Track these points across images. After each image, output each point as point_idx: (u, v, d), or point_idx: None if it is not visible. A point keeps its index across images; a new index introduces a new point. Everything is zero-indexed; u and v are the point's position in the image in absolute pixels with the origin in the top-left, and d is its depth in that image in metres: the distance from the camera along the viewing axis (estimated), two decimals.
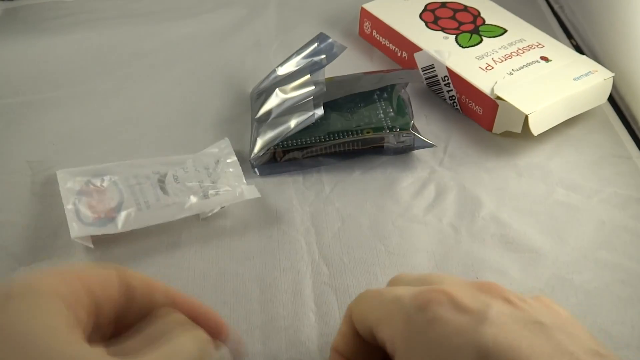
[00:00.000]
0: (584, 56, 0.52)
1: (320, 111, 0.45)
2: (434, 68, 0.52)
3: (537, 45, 0.53)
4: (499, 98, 0.47)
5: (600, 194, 0.45)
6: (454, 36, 0.54)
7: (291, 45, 0.54)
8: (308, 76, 0.48)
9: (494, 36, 0.54)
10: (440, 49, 0.52)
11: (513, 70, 0.50)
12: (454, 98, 0.51)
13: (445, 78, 0.51)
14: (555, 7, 0.65)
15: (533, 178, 0.46)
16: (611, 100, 0.53)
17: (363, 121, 0.47)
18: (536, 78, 0.49)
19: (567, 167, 0.47)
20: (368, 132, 0.46)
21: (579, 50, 0.58)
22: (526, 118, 0.46)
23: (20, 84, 0.55)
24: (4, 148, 0.48)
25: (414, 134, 0.47)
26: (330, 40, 0.50)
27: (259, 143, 0.46)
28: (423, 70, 0.53)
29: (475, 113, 0.50)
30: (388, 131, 0.46)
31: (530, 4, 0.65)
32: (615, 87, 0.53)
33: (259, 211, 0.44)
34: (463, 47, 0.53)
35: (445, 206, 0.44)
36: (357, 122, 0.46)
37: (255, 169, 0.46)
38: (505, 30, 0.55)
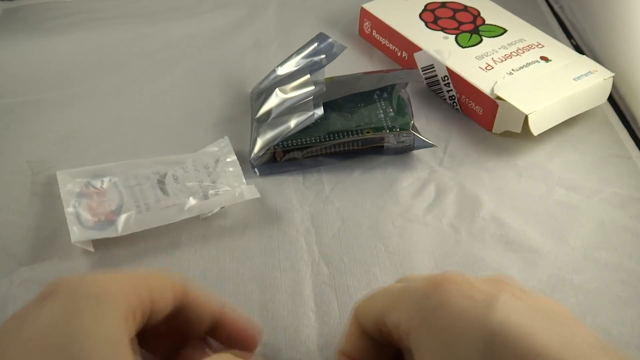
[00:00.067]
0: (584, 56, 0.52)
1: (320, 111, 0.45)
2: (433, 68, 0.52)
3: (537, 45, 0.53)
4: (499, 98, 0.47)
5: (600, 194, 0.45)
6: (453, 36, 0.54)
7: (291, 45, 0.54)
8: (308, 76, 0.48)
9: (494, 36, 0.54)
10: (440, 49, 0.52)
11: (513, 70, 0.50)
12: (454, 98, 0.51)
13: (445, 78, 0.51)
14: (555, 7, 0.65)
15: (533, 178, 0.46)
16: (611, 100, 0.53)
17: (363, 121, 0.47)
18: (536, 78, 0.49)
19: (567, 167, 0.47)
20: (368, 132, 0.46)
21: (579, 50, 0.58)
22: (526, 118, 0.46)
23: (20, 84, 0.55)
24: (4, 148, 0.48)
25: (414, 134, 0.47)
26: (330, 40, 0.50)
27: (259, 143, 0.46)
28: (423, 70, 0.53)
29: (475, 113, 0.50)
30: (388, 131, 0.46)
31: (530, 4, 0.65)
32: (615, 87, 0.53)
33: (259, 211, 0.44)
34: (463, 47, 0.53)
35: (445, 206, 0.44)
36: (357, 122, 0.46)
37: (255, 169, 0.46)
38: (505, 30, 0.55)
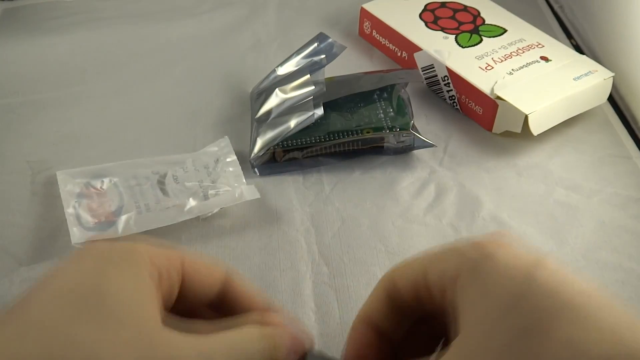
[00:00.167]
0: (584, 56, 0.52)
1: (320, 111, 0.45)
2: (433, 68, 0.52)
3: (537, 45, 0.53)
4: (499, 98, 0.47)
5: (600, 194, 0.45)
6: (453, 36, 0.54)
7: (291, 45, 0.54)
8: (308, 76, 0.48)
9: (494, 36, 0.54)
10: (440, 48, 0.52)
11: (513, 70, 0.50)
12: (454, 98, 0.51)
13: (445, 78, 0.51)
14: (555, 7, 0.65)
15: (533, 178, 0.46)
16: (611, 100, 0.53)
17: (363, 121, 0.47)
18: (536, 78, 0.49)
19: (567, 167, 0.47)
20: (368, 132, 0.46)
21: (579, 50, 0.58)
22: (526, 118, 0.46)
23: (20, 84, 0.55)
24: (4, 148, 0.48)
25: (414, 134, 0.46)
26: (330, 40, 0.50)
27: (259, 143, 0.46)
28: (423, 70, 0.53)
29: (475, 113, 0.50)
30: (388, 131, 0.46)
31: (530, 4, 0.65)
32: (615, 87, 0.53)
33: (258, 211, 0.43)
34: (463, 47, 0.53)
35: (445, 206, 0.44)
36: (357, 122, 0.46)
37: (255, 169, 0.46)
38: (505, 30, 0.55)
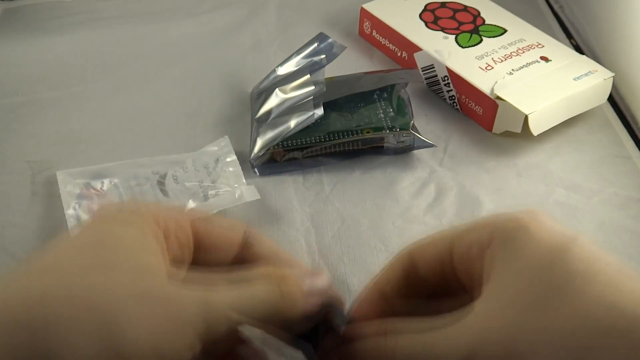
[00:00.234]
0: (584, 56, 0.52)
1: (320, 111, 0.45)
2: (433, 68, 0.52)
3: (537, 45, 0.53)
4: (498, 98, 0.47)
5: (600, 194, 0.45)
6: (453, 36, 0.54)
7: (291, 45, 0.54)
8: (308, 76, 0.48)
9: (494, 36, 0.54)
10: (440, 49, 0.52)
11: (513, 70, 0.50)
12: (453, 98, 0.51)
13: (445, 78, 0.51)
14: (555, 7, 0.65)
15: (533, 178, 0.46)
16: (611, 100, 0.53)
17: (363, 121, 0.47)
18: (536, 78, 0.49)
19: (567, 167, 0.47)
20: (368, 132, 0.46)
21: (579, 50, 0.58)
22: (526, 118, 0.46)
23: (20, 84, 0.54)
24: (4, 148, 0.48)
25: (414, 134, 0.46)
26: (330, 40, 0.50)
27: (259, 143, 0.46)
28: (423, 70, 0.53)
29: (475, 113, 0.50)
30: (388, 131, 0.46)
31: (530, 4, 0.65)
32: (615, 87, 0.53)
33: (258, 211, 0.43)
34: (463, 47, 0.53)
35: (445, 206, 0.44)
36: (357, 122, 0.46)
37: (255, 169, 0.46)
38: (505, 30, 0.54)
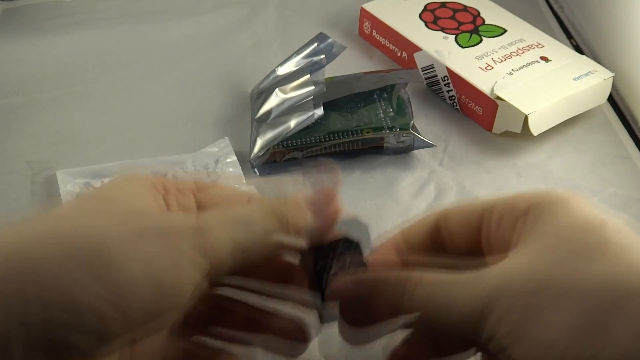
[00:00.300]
0: (584, 56, 0.52)
1: (320, 111, 0.45)
2: (433, 68, 0.52)
3: (537, 45, 0.53)
4: (498, 98, 0.47)
5: (600, 194, 0.45)
6: (453, 36, 0.54)
7: (291, 45, 0.54)
8: (308, 76, 0.48)
9: (494, 36, 0.54)
10: (440, 49, 0.52)
11: (513, 70, 0.50)
12: (453, 98, 0.51)
13: (445, 78, 0.51)
14: (555, 7, 0.65)
15: (533, 178, 0.46)
16: (611, 100, 0.53)
17: (363, 121, 0.47)
18: (536, 78, 0.49)
19: (567, 167, 0.47)
20: (368, 132, 0.46)
21: (579, 50, 0.58)
22: (526, 118, 0.46)
23: (20, 84, 0.54)
24: (4, 148, 0.48)
25: (414, 134, 0.46)
26: (330, 40, 0.50)
27: (259, 143, 0.46)
28: (423, 70, 0.53)
29: (475, 113, 0.50)
30: (388, 131, 0.46)
31: (530, 4, 0.65)
32: (615, 87, 0.53)
33: None
34: (463, 47, 0.53)
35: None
36: (357, 122, 0.46)
37: (255, 169, 0.46)
38: (505, 30, 0.54)
